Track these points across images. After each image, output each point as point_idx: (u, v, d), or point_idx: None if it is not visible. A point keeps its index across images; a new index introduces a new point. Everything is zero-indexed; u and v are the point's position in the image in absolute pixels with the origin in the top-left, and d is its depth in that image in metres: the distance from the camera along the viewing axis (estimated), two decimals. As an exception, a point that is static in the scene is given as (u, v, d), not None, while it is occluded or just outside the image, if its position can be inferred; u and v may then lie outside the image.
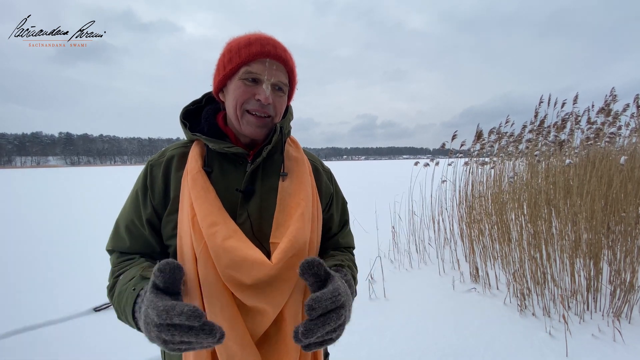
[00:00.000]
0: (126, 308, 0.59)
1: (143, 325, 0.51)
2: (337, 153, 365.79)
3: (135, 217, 0.72)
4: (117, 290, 0.65)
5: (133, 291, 0.60)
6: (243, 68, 0.68)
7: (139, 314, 0.54)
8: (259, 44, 0.68)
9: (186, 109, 0.79)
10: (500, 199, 3.47)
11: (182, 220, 0.66)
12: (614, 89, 3.23)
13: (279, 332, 0.66)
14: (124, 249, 0.73)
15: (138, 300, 0.57)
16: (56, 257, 4.25)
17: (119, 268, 0.70)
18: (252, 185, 0.72)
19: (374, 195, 9.47)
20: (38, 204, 9.63)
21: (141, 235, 0.72)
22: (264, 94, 0.68)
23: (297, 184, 0.74)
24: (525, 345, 2.10)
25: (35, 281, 3.39)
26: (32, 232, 5.78)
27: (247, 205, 0.70)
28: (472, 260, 3.17)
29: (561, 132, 3.33)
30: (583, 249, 2.48)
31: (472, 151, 3.78)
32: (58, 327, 2.47)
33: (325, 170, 0.88)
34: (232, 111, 0.71)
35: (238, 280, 0.62)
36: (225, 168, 0.73)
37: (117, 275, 0.68)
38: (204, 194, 0.66)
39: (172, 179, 0.71)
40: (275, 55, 0.69)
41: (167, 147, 0.78)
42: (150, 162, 0.74)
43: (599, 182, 2.65)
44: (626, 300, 2.30)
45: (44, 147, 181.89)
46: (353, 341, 2.21)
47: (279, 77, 0.70)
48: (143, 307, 0.52)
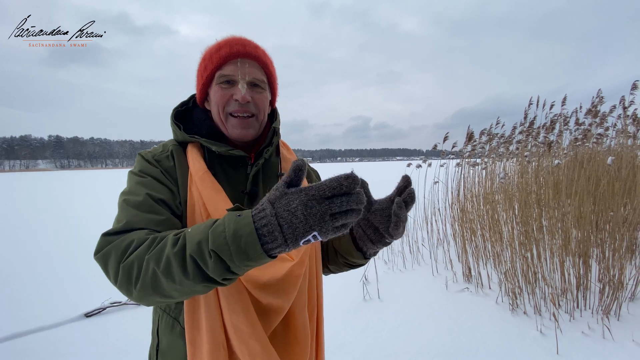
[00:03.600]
0: (241, 235, 0.47)
1: (303, 217, 0.45)
2: (331, 155, 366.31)
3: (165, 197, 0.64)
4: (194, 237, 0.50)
5: (239, 217, 0.49)
6: (217, 73, 0.69)
7: (276, 222, 0.46)
8: (227, 47, 0.69)
9: (176, 110, 0.79)
10: (492, 199, 3.52)
11: (195, 219, 0.65)
12: (601, 90, 3.30)
13: (288, 326, 0.68)
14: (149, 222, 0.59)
15: (260, 216, 0.47)
16: (46, 262, 4.19)
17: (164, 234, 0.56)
18: (255, 186, 0.73)
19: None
20: (27, 209, 9.47)
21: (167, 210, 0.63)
22: (240, 93, 0.68)
23: None
24: (517, 343, 2.13)
25: (26, 287, 3.34)
26: (21, 237, 5.68)
27: (253, 207, 0.70)
28: (465, 260, 3.21)
29: (550, 133, 3.39)
30: (572, 248, 2.53)
31: (464, 152, 3.83)
32: (49, 333, 2.43)
33: (313, 170, 0.92)
34: (217, 117, 0.72)
35: (255, 278, 0.63)
36: (227, 170, 0.73)
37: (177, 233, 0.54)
38: (215, 194, 0.66)
39: (179, 173, 0.70)
40: (245, 54, 0.69)
41: (165, 143, 0.76)
42: (154, 156, 0.70)
43: (587, 182, 2.70)
44: (615, 297, 2.35)
45: (33, 151, 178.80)
46: (348, 342, 2.22)
47: (253, 74, 0.70)
48: (295, 201, 0.46)
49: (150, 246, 0.53)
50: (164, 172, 0.68)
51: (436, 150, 3.82)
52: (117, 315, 2.71)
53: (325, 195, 0.46)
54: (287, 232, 0.46)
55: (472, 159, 3.95)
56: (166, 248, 0.51)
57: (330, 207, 0.46)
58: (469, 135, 3.67)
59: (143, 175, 0.66)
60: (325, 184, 0.46)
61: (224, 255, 0.48)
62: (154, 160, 0.69)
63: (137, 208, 0.60)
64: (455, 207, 3.91)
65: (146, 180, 0.65)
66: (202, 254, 0.48)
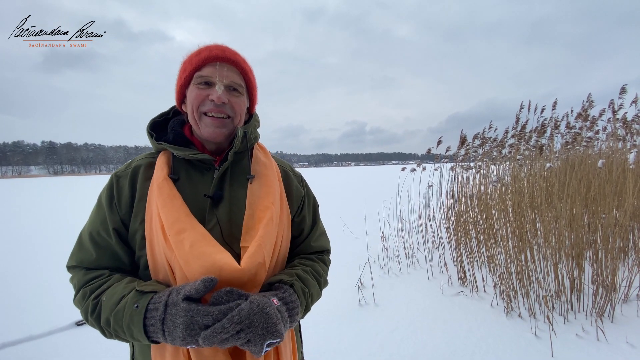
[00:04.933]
0: (132, 326, 0.58)
1: (182, 334, 0.54)
2: (327, 159, 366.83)
3: (102, 228, 0.70)
4: (105, 310, 0.62)
5: (136, 308, 0.58)
6: (195, 74, 0.70)
7: (160, 327, 0.56)
8: (207, 50, 0.71)
9: (153, 120, 0.80)
10: (486, 202, 3.54)
11: (151, 229, 0.66)
12: (591, 94, 3.36)
13: None
14: (90, 262, 0.70)
15: (151, 315, 0.57)
16: (37, 270, 4.11)
17: (94, 287, 0.66)
18: (220, 190, 0.73)
19: (364, 201, 9.52)
20: (17, 216, 9.33)
21: (108, 246, 0.70)
22: (216, 94, 0.69)
23: (265, 187, 0.74)
24: (512, 346, 2.13)
25: (16, 295, 3.27)
26: (11, 244, 5.58)
27: (216, 210, 0.70)
28: (460, 264, 3.21)
29: (541, 137, 3.43)
30: (566, 250, 2.55)
31: (457, 156, 3.86)
32: (39, 343, 2.38)
33: (296, 175, 0.89)
34: (191, 116, 0.72)
35: None
36: (192, 175, 0.73)
37: (97, 295, 0.64)
38: (170, 201, 0.66)
39: (139, 188, 0.71)
40: (223, 58, 0.71)
41: (133, 159, 0.77)
42: (117, 173, 0.74)
43: (578, 185, 2.73)
44: (608, 299, 2.36)
45: (25, 157, 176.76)
46: (342, 347, 2.21)
47: (231, 77, 0.71)
48: (181, 317, 0.54)
49: (81, 301, 0.66)
50: (115, 193, 0.72)
51: (430, 154, 3.85)
52: (109, 323, 2.67)
53: (207, 324, 0.54)
54: (167, 335, 0.55)
55: (465, 163, 3.99)
56: (88, 312, 0.64)
57: (216, 337, 0.53)
58: (462, 139, 3.70)
59: (99, 201, 0.73)
60: (213, 312, 0.54)
61: (122, 337, 0.62)
62: (115, 177, 0.73)
63: (80, 247, 0.71)
64: (450, 211, 3.93)
65: (97, 210, 0.72)
66: (108, 329, 0.62)
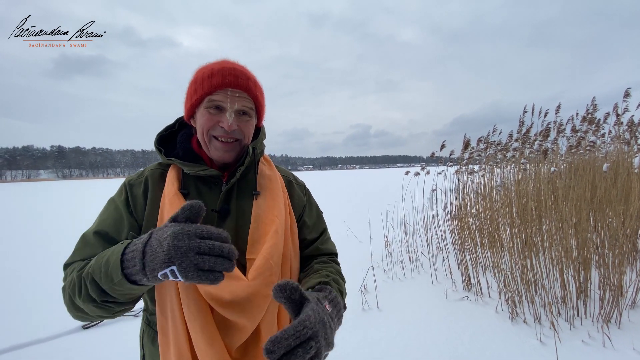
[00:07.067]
0: (110, 260, 0.54)
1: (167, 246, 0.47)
2: (332, 162, 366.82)
3: (113, 229, 0.69)
4: (91, 264, 0.58)
5: (121, 244, 0.55)
6: (207, 97, 0.70)
7: (141, 250, 0.50)
8: (220, 75, 0.70)
9: (160, 135, 0.82)
10: (490, 206, 3.52)
11: None
12: (595, 98, 3.34)
13: (258, 343, 0.68)
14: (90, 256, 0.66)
15: (133, 245, 0.53)
16: (45, 273, 4.18)
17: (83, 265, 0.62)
18: (227, 205, 0.75)
19: (368, 204, 9.50)
20: (27, 219, 9.47)
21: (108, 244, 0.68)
22: (226, 122, 0.70)
23: (270, 200, 0.76)
24: (517, 352, 2.11)
25: (23, 299, 3.33)
26: (20, 247, 5.67)
27: (223, 225, 0.72)
28: (465, 268, 3.19)
29: (546, 141, 3.41)
30: (572, 255, 2.52)
31: (462, 160, 3.85)
32: (46, 345, 2.42)
33: (299, 184, 0.91)
34: (200, 137, 0.74)
35: (218, 296, 0.64)
36: (201, 190, 0.75)
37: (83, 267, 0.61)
38: None
39: (151, 198, 0.73)
40: (236, 84, 0.70)
41: (145, 168, 0.79)
42: (130, 181, 0.75)
43: (583, 190, 2.71)
44: (615, 305, 2.33)
45: (35, 161, 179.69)
46: (345, 353, 2.20)
47: (242, 103, 0.72)
48: (169, 229, 0.49)
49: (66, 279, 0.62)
50: (130, 200, 0.72)
51: (434, 157, 3.84)
52: (114, 327, 2.70)
53: (199, 234, 0.49)
54: (148, 260, 0.49)
55: (469, 166, 3.97)
56: (76, 273, 0.60)
57: (199, 245, 0.47)
58: (465, 143, 3.69)
59: (113, 204, 0.72)
60: (206, 226, 0.50)
61: (95, 276, 0.55)
62: (128, 185, 0.74)
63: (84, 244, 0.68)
64: (454, 215, 3.91)
65: (109, 212, 0.71)
66: (87, 276, 0.56)
